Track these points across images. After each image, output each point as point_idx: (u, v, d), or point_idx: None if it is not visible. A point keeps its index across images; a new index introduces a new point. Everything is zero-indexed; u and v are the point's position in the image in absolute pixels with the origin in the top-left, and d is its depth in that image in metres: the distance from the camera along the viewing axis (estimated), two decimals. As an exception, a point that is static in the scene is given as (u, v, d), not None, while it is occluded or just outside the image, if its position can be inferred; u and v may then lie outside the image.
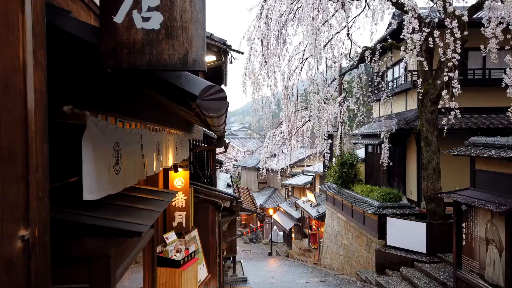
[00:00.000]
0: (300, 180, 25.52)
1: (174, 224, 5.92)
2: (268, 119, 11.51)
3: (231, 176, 20.41)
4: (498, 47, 7.03)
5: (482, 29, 7.05)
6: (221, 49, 5.58)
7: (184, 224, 5.95)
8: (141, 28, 1.54)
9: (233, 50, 5.93)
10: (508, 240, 6.09)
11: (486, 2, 7.27)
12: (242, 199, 10.88)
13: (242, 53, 6.96)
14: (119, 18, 1.53)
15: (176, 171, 5.89)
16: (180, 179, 5.96)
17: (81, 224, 1.93)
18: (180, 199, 5.96)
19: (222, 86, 6.59)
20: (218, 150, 12.13)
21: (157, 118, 2.89)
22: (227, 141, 11.09)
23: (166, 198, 3.23)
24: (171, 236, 5.39)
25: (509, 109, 7.10)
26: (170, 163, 3.94)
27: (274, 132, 12.71)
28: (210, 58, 5.95)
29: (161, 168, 3.55)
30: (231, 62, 6.06)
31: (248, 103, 11.55)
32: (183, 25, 1.58)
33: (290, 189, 28.97)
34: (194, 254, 5.72)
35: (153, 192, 3.23)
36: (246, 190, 19.07)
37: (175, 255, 5.16)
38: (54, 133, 1.73)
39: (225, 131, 8.00)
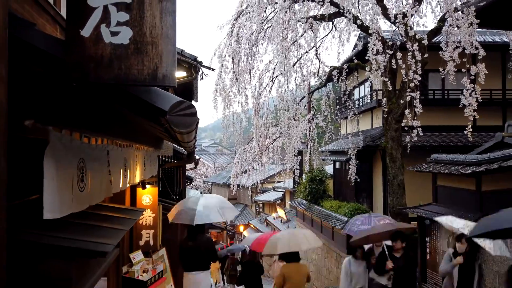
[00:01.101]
0: (270, 196, 25.56)
1: (141, 242, 5.72)
2: (239, 135, 11.53)
3: (201, 192, 20.14)
4: (456, 70, 7.46)
5: (440, 52, 7.48)
6: (192, 65, 5.59)
7: (151, 243, 5.77)
8: (110, 42, 1.52)
9: (204, 67, 5.95)
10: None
11: (444, 27, 7.75)
12: (212, 216, 10.70)
13: (213, 69, 7.00)
14: (86, 31, 1.50)
15: (144, 188, 5.75)
16: (148, 196, 5.81)
17: (41, 245, 1.83)
18: (147, 217, 5.79)
19: (193, 102, 6.58)
20: (188, 166, 11.97)
21: (125, 133, 2.83)
22: (197, 157, 10.97)
23: (132, 216, 3.14)
24: (137, 256, 5.20)
25: (466, 128, 7.50)
26: (137, 179, 3.85)
27: (245, 148, 12.73)
28: (180, 74, 5.93)
29: (128, 185, 3.45)
30: (202, 78, 6.07)
31: (219, 119, 11.53)
32: (153, 40, 1.58)
33: (260, 205, 28.91)
34: (162, 274, 5.54)
35: (119, 210, 3.12)
36: (216, 207, 18.78)
37: (141, 275, 4.98)
38: (15, 148, 1.65)
39: (196, 147, 7.92)
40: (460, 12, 7.17)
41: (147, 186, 5.78)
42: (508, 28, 8.85)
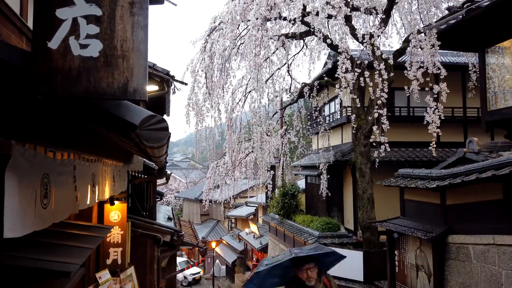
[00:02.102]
0: (243, 211, 25.39)
1: (109, 261, 5.50)
2: (211, 150, 11.46)
3: (172, 208, 19.69)
4: (420, 88, 7.83)
5: (405, 71, 7.84)
6: (164, 79, 5.55)
7: (119, 261, 5.56)
8: (78, 55, 1.50)
9: (177, 81, 5.92)
10: (436, 266, 6.53)
11: (408, 48, 8.15)
12: (183, 233, 10.50)
13: (186, 84, 6.97)
14: (54, 43, 1.47)
15: (112, 204, 5.56)
16: (116, 212, 5.62)
17: (0, 266, 1.73)
18: (115, 234, 5.59)
19: (165, 116, 6.50)
20: (159, 181, 11.73)
21: (93, 148, 2.76)
22: (168, 172, 10.78)
23: (99, 234, 3.03)
24: (104, 275, 4.99)
25: (430, 144, 7.83)
26: (106, 195, 3.72)
27: (217, 163, 12.65)
28: (152, 88, 5.87)
29: (96, 201, 3.33)
30: (174, 92, 6.03)
31: (192, 133, 11.46)
32: (124, 54, 1.57)
33: (233, 220, 28.63)
34: (130, 294, 5.33)
35: (86, 228, 3.01)
36: (187, 222, 18.47)
37: (108, 296, 4.76)
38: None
39: (167, 162, 7.79)
40: (423, 34, 7.57)
41: (116, 202, 5.60)
42: (466, 50, 9.43)
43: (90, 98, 1.59)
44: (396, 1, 8.27)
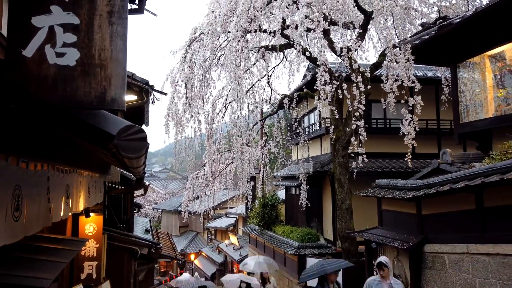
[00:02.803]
0: (223, 222, 25.16)
1: (83, 275, 5.32)
2: (191, 160, 11.35)
3: (150, 220, 19.31)
4: (396, 101, 8.05)
5: (382, 84, 8.05)
6: (143, 89, 5.50)
7: (94, 276, 5.38)
8: (54, 63, 1.47)
9: (156, 91, 5.88)
10: (413, 275, 6.64)
11: (384, 62, 8.39)
12: (161, 245, 10.30)
13: (165, 94, 6.92)
14: (29, 51, 1.44)
15: (87, 216, 5.41)
16: (91, 225, 5.46)
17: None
18: (90, 247, 5.42)
19: (143, 126, 6.42)
20: (137, 192, 11.50)
21: (68, 158, 2.69)
22: (147, 183, 10.60)
23: (74, 247, 2.93)
24: (78, 290, 4.81)
25: (406, 155, 8.03)
26: (81, 207, 3.62)
27: (197, 174, 12.53)
28: (131, 98, 5.79)
29: (70, 214, 3.23)
30: (153, 102, 5.97)
31: (171, 143, 11.32)
32: (102, 63, 1.55)
33: (212, 232, 28.30)
34: (105, 309, 5.15)
35: (59, 241, 2.91)
36: (166, 235, 18.13)
37: (81, 312, 4.59)
38: None
39: (145, 173, 7.66)
40: (398, 49, 7.82)
41: (91, 214, 5.44)
42: (439, 65, 9.79)
43: (66, 107, 1.56)
44: (372, 17, 8.53)
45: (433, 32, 7.28)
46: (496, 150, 6.27)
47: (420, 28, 8.43)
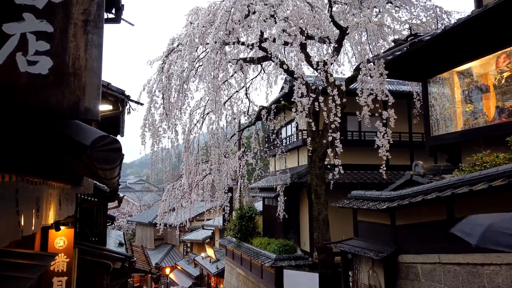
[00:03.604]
0: (199, 235, 24.79)
1: (51, 292, 5.09)
2: (167, 171, 11.17)
3: (124, 233, 18.79)
4: (370, 114, 8.26)
5: (357, 98, 8.26)
6: (119, 99, 5.41)
7: (63, 292, 5.16)
8: (26, 71, 1.43)
9: (132, 101, 5.79)
10: (387, 285, 6.73)
11: (359, 76, 8.62)
12: (135, 259, 10.02)
13: (142, 104, 6.83)
14: (-1, 59, 1.40)
15: (58, 229, 5.21)
16: (62, 238, 5.27)
17: None
18: (60, 262, 5.22)
19: (119, 137, 6.29)
20: (111, 204, 11.19)
21: (38, 169, 2.59)
22: (121, 194, 10.35)
23: (42, 262, 2.81)
24: (45, 308, 4.60)
25: (381, 167, 8.22)
26: (51, 220, 3.48)
27: (173, 185, 12.34)
28: (106, 108, 5.68)
29: (40, 227, 3.11)
30: (129, 112, 5.87)
31: (147, 154, 11.10)
32: (76, 72, 1.53)
33: (189, 245, 27.80)
34: (74, 327, 4.94)
35: (26, 256, 2.78)
36: (140, 248, 17.68)
37: (48, 331, 4.39)
38: None
39: (120, 184, 7.48)
40: (372, 64, 8.06)
41: (62, 227, 5.26)
42: (411, 79, 10.16)
43: (37, 117, 1.52)
44: (347, 32, 8.78)
45: (405, 49, 7.57)
46: (465, 162, 6.52)
47: (392, 44, 8.74)
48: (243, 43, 9.13)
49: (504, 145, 5.44)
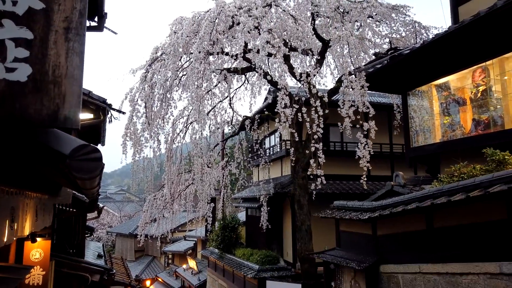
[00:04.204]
0: (181, 246, 24.39)
1: (25, 307, 4.89)
2: (149, 181, 11.01)
3: (103, 244, 18.33)
4: (352, 125, 8.39)
5: (339, 109, 8.39)
6: (100, 107, 5.33)
7: (38, 306, 4.97)
8: (3, 78, 1.40)
9: (114, 109, 5.71)
10: (369, 295, 6.76)
11: (341, 88, 8.78)
12: (114, 271, 9.77)
13: (124, 113, 6.74)
14: (-25, 66, 1.37)
15: (34, 241, 5.04)
16: (38, 250, 5.09)
17: None
18: (36, 275, 5.03)
19: (99, 146, 6.18)
20: (90, 215, 10.92)
21: (14, 178, 2.52)
22: (101, 205, 10.12)
23: (16, 275, 2.71)
24: (18, 323, 4.41)
25: (362, 177, 8.33)
26: (27, 232, 3.37)
27: (155, 196, 12.15)
28: (87, 116, 5.58)
29: (14, 239, 3.00)
30: (110, 121, 5.78)
31: (128, 164, 10.91)
32: (56, 80, 1.50)
33: (170, 256, 27.30)
34: None
35: (0, 269, 2.67)
36: (120, 260, 17.24)
37: None
38: None
39: (99, 194, 7.32)
40: (353, 76, 8.23)
41: (38, 239, 5.08)
42: (391, 92, 10.40)
43: (14, 125, 1.48)
44: (330, 45, 8.95)
45: (385, 62, 7.76)
46: (444, 173, 6.68)
47: (373, 57, 8.95)
48: (227, 54, 9.18)
49: (481, 156, 5.60)
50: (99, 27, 3.66)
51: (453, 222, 5.39)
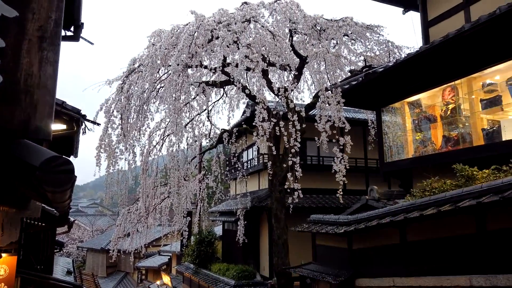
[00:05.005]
0: (155, 261, 23.76)
1: (-15, 328, 4.60)
2: (123, 194, 10.73)
3: (73, 260, 17.61)
4: (328, 140, 8.54)
5: (316, 124, 8.53)
6: (74, 118, 5.19)
7: (0, 327, 4.68)
8: (-28, 87, 1.36)
9: (88, 121, 5.58)
10: (344, 309, 6.76)
11: (318, 103, 8.94)
12: (84, 288, 9.37)
13: (99, 124, 6.59)
14: None
15: (-3, 257, 4.78)
16: (3, 267, 4.83)
17: None
18: (-2, 294, 4.75)
19: (72, 158, 6.00)
20: (60, 229, 10.51)
21: (-22, 191, 2.40)
22: (72, 219, 9.75)
23: (-24, 293, 2.55)
24: None
25: (338, 191, 8.43)
26: (-10, 247, 3.20)
27: (129, 209, 11.85)
28: (60, 127, 5.43)
29: (-25, 254, 2.84)
30: (84, 132, 5.64)
31: (102, 176, 10.59)
32: (28, 89, 1.46)
33: (143, 272, 26.49)
34: None
35: (-42, 286, 2.52)
36: (91, 276, 16.58)
37: None
38: None
39: (71, 208, 7.07)
40: (330, 92, 8.41)
41: (3, 254, 4.83)
42: (366, 108, 10.67)
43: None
44: (307, 61, 9.14)
45: (360, 79, 7.99)
46: (416, 188, 6.86)
47: (349, 74, 9.20)
48: (206, 67, 9.20)
49: (451, 172, 5.80)
50: (75, 37, 3.61)
51: (425, 236, 5.52)
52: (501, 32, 5.63)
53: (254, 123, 8.42)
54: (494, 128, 6.46)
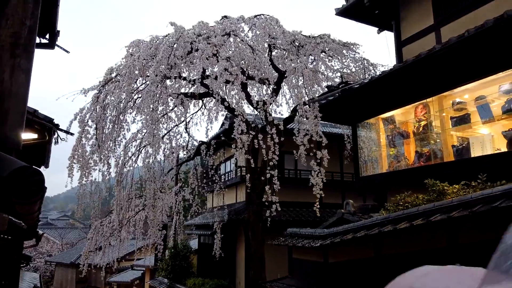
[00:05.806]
0: (128, 276, 23.02)
1: None
2: (96, 207, 10.41)
3: (40, 275, 16.86)
4: (306, 153, 8.63)
5: (294, 137, 8.61)
6: (46, 127, 5.04)
7: None
8: None
9: (61, 130, 5.43)
10: (320, 324, 6.74)
11: (296, 117, 9.06)
12: (51, 305, 8.94)
13: (72, 134, 6.43)
14: None
15: (-43, 272, 4.51)
16: (-39, 283, 4.55)
17: None
18: (-44, 312, 4.47)
19: (43, 168, 5.80)
20: (27, 242, 10.05)
21: None
22: (40, 232, 9.35)
23: None
24: None
25: (315, 205, 8.49)
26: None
27: (102, 222, 11.49)
28: (31, 136, 5.25)
29: None
30: (57, 142, 5.48)
31: (74, 188, 10.23)
32: (-2, 97, 1.42)
33: (115, 287, 25.58)
34: None
35: None
36: (58, 292, 15.87)
37: None
38: None
39: (39, 220, 6.79)
40: (307, 106, 8.54)
41: (-37, 270, 4.56)
42: (342, 123, 10.89)
43: None
44: (285, 75, 9.28)
45: (337, 95, 8.16)
46: (390, 202, 7.00)
47: (326, 89, 9.38)
48: (184, 78, 9.18)
49: (423, 186, 5.96)
50: (51, 45, 3.53)
51: (399, 249, 5.61)
52: (470, 53, 5.92)
53: (232, 136, 8.42)
54: (464, 145, 6.72)
